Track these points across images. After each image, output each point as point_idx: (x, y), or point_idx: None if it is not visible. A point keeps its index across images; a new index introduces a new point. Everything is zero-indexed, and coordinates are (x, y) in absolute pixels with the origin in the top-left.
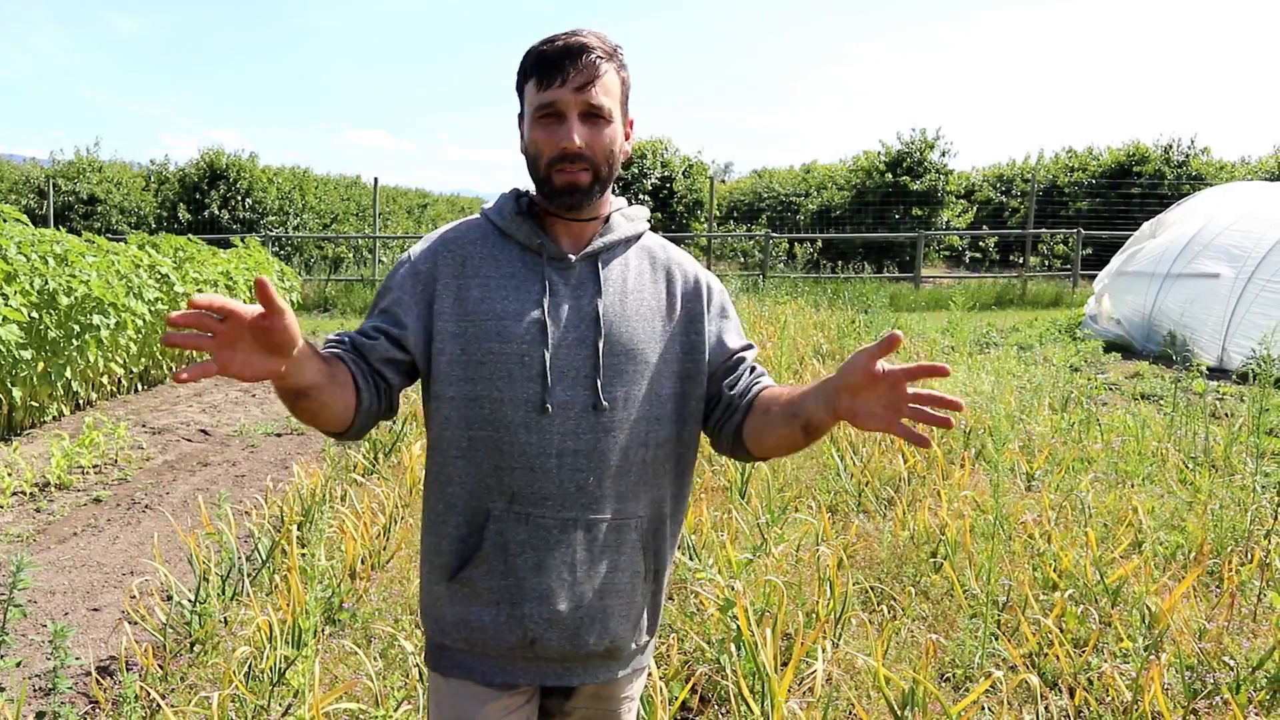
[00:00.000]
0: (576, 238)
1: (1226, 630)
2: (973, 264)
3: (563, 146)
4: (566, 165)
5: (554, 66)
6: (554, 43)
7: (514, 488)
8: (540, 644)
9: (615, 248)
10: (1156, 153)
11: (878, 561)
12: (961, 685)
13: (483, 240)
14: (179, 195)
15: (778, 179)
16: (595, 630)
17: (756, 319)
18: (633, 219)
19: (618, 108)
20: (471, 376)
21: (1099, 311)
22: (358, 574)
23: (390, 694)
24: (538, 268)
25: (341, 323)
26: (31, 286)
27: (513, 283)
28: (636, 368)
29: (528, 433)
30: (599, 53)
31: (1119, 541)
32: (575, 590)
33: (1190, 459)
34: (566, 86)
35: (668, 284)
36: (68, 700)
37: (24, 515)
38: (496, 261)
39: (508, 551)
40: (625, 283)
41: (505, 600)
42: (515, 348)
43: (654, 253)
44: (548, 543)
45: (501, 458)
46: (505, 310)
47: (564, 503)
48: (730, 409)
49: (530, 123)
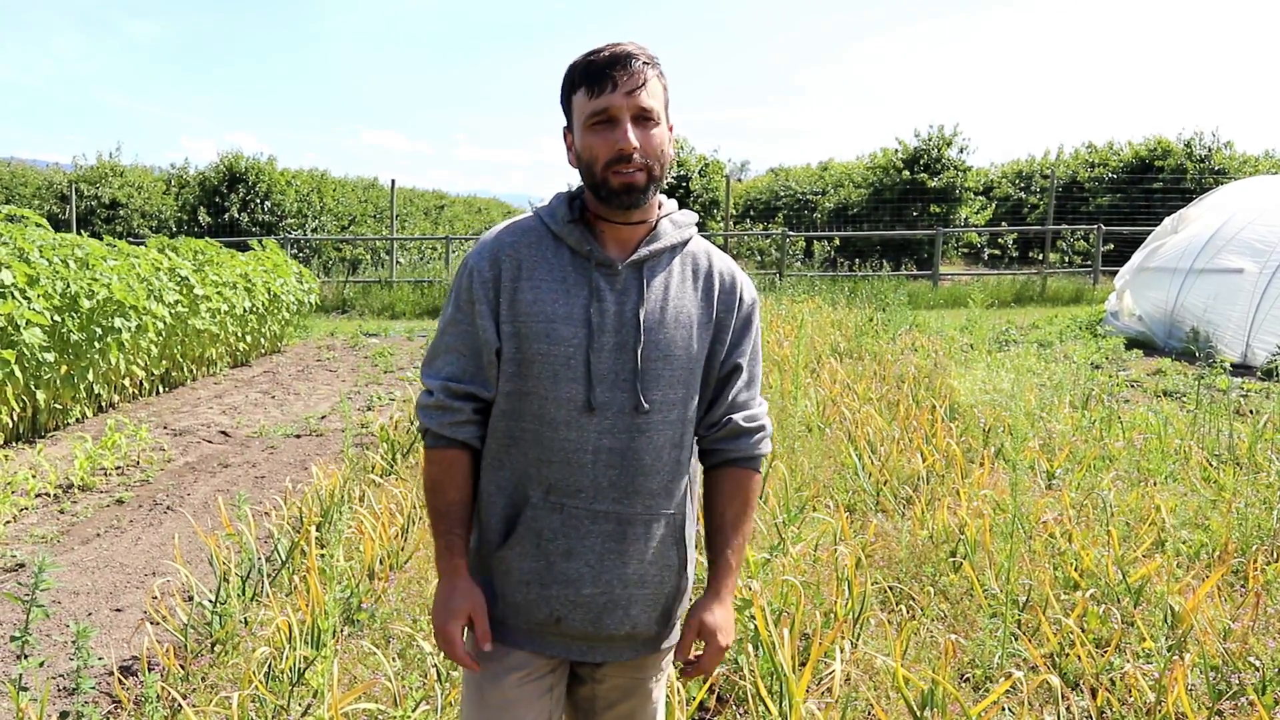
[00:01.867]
0: (624, 244)
1: (1252, 630)
2: (992, 261)
3: (620, 148)
4: (623, 166)
5: (603, 74)
6: (600, 53)
7: (551, 479)
8: (565, 623)
9: (661, 255)
10: (1179, 147)
11: (896, 561)
12: (981, 686)
13: (538, 243)
14: (199, 198)
15: (794, 177)
16: (617, 616)
17: (774, 318)
18: (680, 225)
19: (663, 111)
20: (522, 374)
21: (1120, 308)
22: (376, 574)
23: (409, 694)
24: (586, 273)
25: (360, 324)
26: (54, 290)
27: (563, 287)
28: (673, 373)
29: (569, 430)
30: (643, 59)
31: (1141, 540)
32: (601, 578)
33: (1214, 456)
34: (618, 91)
35: (705, 293)
36: (91, 700)
37: (48, 517)
38: (550, 265)
39: (541, 537)
40: (667, 290)
41: (535, 581)
42: (562, 350)
43: (698, 260)
44: (579, 532)
45: (542, 451)
46: (555, 313)
47: (596, 496)
48: (703, 428)
49: (582, 131)
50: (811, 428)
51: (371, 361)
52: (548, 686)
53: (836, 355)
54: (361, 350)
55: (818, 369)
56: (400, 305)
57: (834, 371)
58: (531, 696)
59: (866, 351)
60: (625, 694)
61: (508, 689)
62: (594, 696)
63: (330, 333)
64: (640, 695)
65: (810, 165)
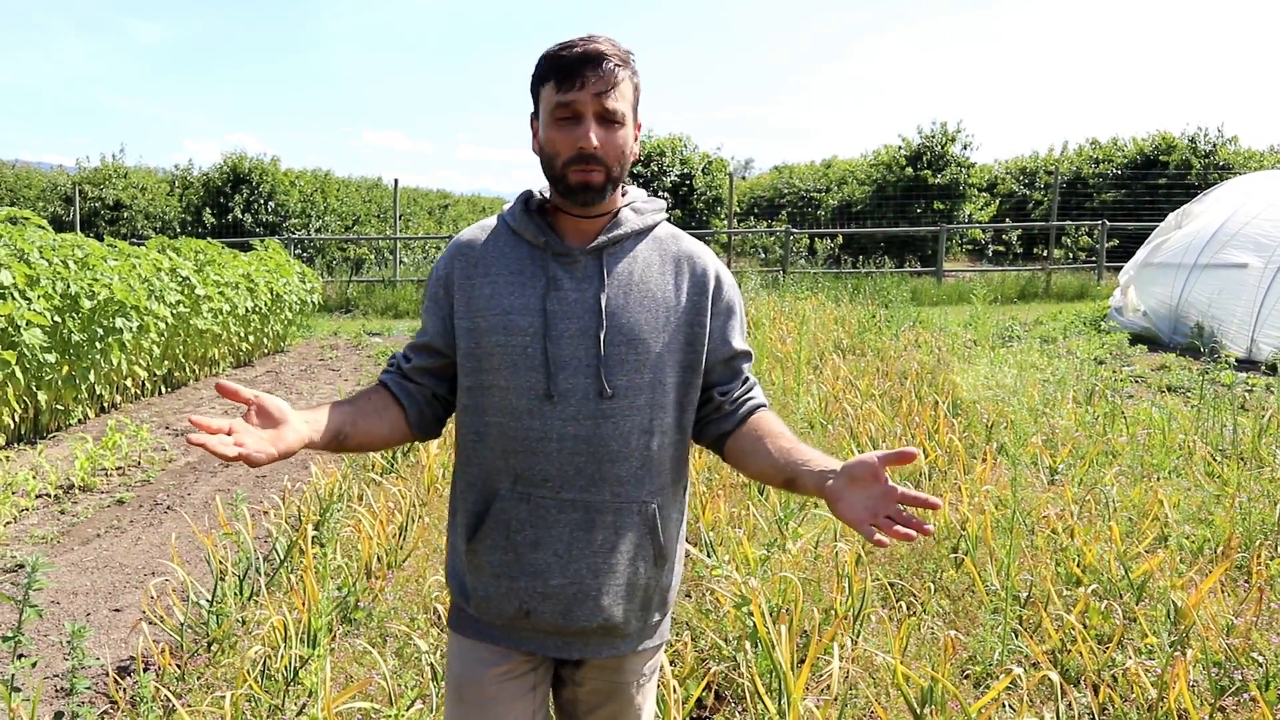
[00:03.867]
0: (584, 233)
1: (1255, 626)
2: (995, 257)
3: (579, 147)
4: (582, 165)
5: (573, 71)
6: (572, 48)
7: (518, 469)
8: (535, 616)
9: (623, 241)
10: (1183, 142)
11: (897, 557)
12: (982, 682)
13: (494, 240)
14: (203, 199)
15: (798, 175)
16: (587, 607)
17: (777, 315)
18: (644, 212)
19: (630, 112)
20: (482, 368)
21: (1124, 304)
22: (374, 573)
23: (404, 693)
24: (543, 263)
25: (363, 323)
26: (54, 290)
27: (519, 279)
28: (640, 357)
29: (531, 419)
30: (615, 60)
31: (1144, 536)
32: (569, 568)
33: (1218, 451)
34: (586, 90)
35: (675, 275)
36: (86, 700)
37: (49, 517)
38: (505, 259)
39: (509, 528)
40: (631, 275)
41: (505, 574)
42: (518, 340)
43: (665, 244)
44: (546, 521)
45: (508, 442)
46: (510, 305)
47: (563, 485)
48: (719, 413)
49: (547, 123)
50: (814, 424)
51: (374, 361)
52: (529, 685)
53: (839, 352)
54: (365, 350)
55: (820, 366)
56: (404, 305)
57: (836, 368)
58: (512, 695)
59: (869, 348)
60: (606, 698)
61: (487, 686)
62: (575, 700)
63: (333, 332)
64: (622, 700)
65: (814, 163)
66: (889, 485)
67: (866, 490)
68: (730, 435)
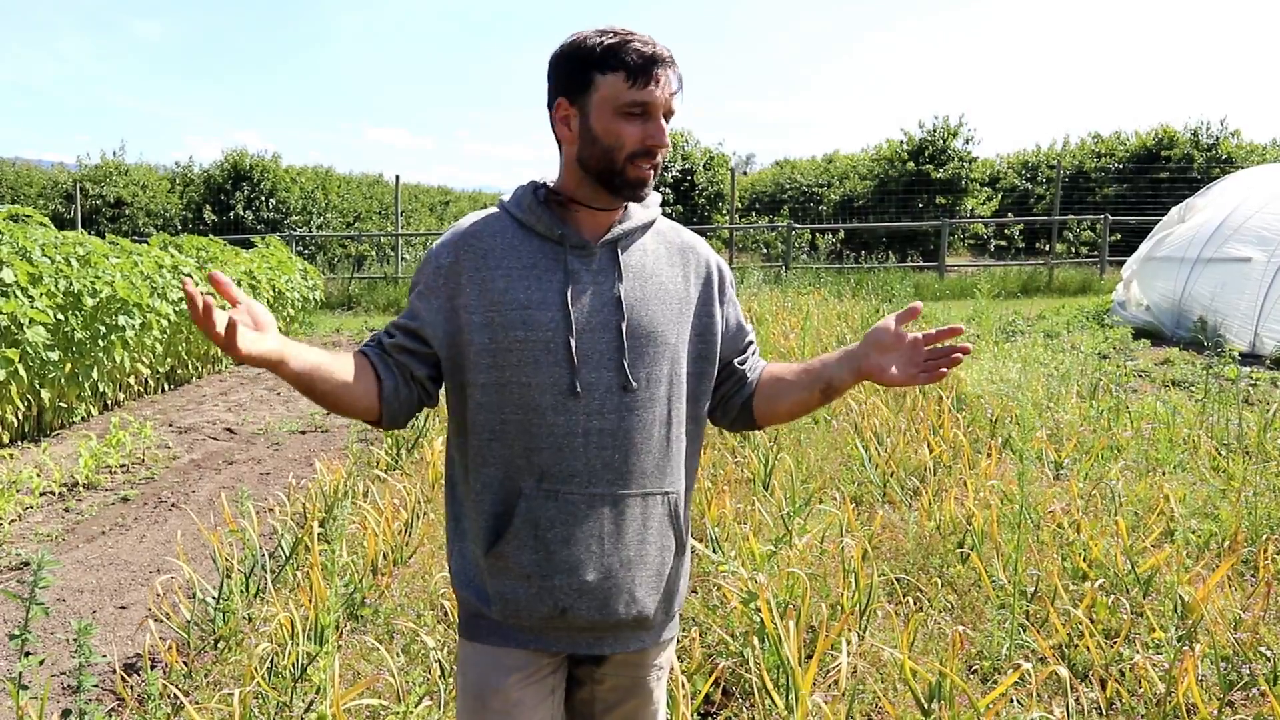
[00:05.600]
0: (597, 227)
1: (1263, 620)
2: (998, 252)
3: (651, 144)
4: (648, 160)
5: (648, 69)
6: (641, 42)
7: (543, 467)
8: (571, 613)
9: (633, 234)
10: (1185, 136)
11: (903, 553)
12: (989, 677)
13: (503, 233)
14: (204, 197)
15: (800, 170)
16: (624, 599)
17: (779, 310)
18: (647, 205)
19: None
20: (501, 364)
21: (1127, 298)
22: (380, 570)
23: (412, 690)
24: (559, 257)
25: (365, 320)
26: (57, 288)
27: (535, 272)
28: (658, 349)
29: (556, 414)
30: (674, 63)
31: (1150, 530)
32: (603, 562)
33: (1223, 446)
34: (661, 90)
35: (683, 267)
36: (94, 698)
37: (53, 515)
38: (518, 253)
39: (538, 527)
40: (645, 267)
41: (536, 574)
42: (541, 335)
43: (668, 237)
44: (576, 517)
45: (531, 439)
46: (530, 299)
47: (591, 479)
48: (740, 383)
49: (609, 114)
50: (817, 419)
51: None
52: (550, 688)
53: (843, 347)
54: None
55: None
56: (406, 301)
57: None
58: (536, 699)
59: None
60: (626, 694)
61: (511, 691)
62: (593, 699)
63: (336, 329)
64: (642, 694)
65: (815, 158)
66: (912, 338)
67: (897, 353)
68: (754, 396)
